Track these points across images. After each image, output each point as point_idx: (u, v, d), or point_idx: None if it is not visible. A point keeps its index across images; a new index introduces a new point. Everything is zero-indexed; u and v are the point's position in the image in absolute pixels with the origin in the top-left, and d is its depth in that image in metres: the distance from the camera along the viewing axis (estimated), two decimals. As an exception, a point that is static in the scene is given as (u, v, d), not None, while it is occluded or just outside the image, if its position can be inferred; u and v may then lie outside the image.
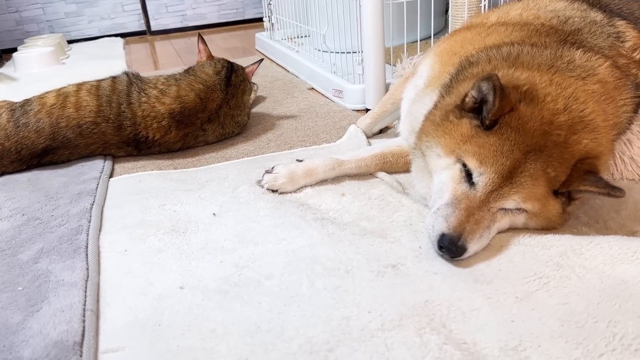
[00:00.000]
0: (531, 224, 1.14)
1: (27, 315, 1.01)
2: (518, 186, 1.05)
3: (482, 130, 1.09)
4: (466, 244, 1.04)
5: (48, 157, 1.71)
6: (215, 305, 1.02)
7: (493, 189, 1.06)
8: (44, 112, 1.68)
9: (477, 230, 1.06)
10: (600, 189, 1.04)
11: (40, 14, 4.55)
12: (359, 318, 0.95)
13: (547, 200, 1.09)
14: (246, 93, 1.96)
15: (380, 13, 1.90)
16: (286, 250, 1.18)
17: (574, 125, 1.07)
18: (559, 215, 1.12)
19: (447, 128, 1.14)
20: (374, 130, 1.83)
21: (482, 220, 1.06)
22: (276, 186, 1.44)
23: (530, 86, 1.11)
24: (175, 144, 1.79)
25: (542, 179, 1.06)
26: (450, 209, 1.07)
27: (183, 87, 1.77)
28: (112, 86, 1.76)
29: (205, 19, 4.86)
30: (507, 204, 1.07)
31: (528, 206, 1.08)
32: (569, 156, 1.06)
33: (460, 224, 1.05)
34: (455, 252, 1.05)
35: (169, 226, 1.32)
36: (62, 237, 1.28)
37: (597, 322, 0.89)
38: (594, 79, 1.18)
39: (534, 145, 1.05)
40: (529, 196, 1.06)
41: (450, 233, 1.04)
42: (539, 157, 1.05)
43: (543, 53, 1.22)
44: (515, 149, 1.05)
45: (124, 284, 1.12)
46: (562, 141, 1.06)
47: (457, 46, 1.43)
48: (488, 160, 1.06)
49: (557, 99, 1.09)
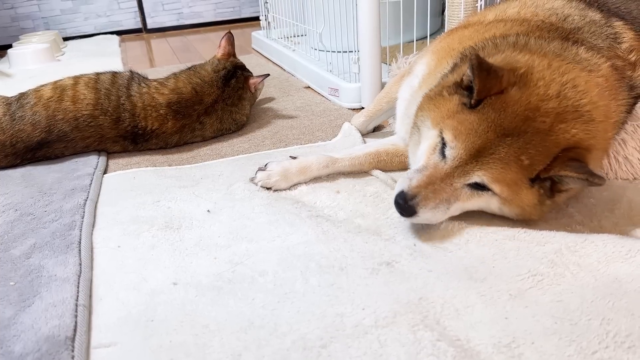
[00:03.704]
0: (506, 211, 1.14)
1: (18, 310, 1.01)
2: (484, 166, 1.07)
3: (467, 108, 1.11)
4: (416, 207, 1.08)
5: (43, 151, 1.70)
6: (209, 301, 1.02)
7: (459, 164, 1.08)
8: (41, 105, 1.67)
9: (433, 198, 1.09)
10: (579, 174, 1.02)
11: (35, 10, 4.53)
12: (352, 315, 0.95)
13: (519, 188, 1.08)
14: (244, 99, 1.95)
15: (376, 12, 1.90)
16: (280, 247, 1.17)
17: (565, 113, 1.06)
18: (533, 205, 1.11)
19: (438, 102, 1.17)
20: (368, 128, 1.83)
21: (441, 191, 1.09)
22: (269, 184, 1.44)
23: (527, 69, 1.10)
24: (173, 136, 1.79)
25: (514, 165, 1.05)
26: (416, 173, 1.12)
27: (181, 80, 1.82)
28: (112, 79, 1.77)
29: (202, 17, 4.85)
30: (470, 179, 1.09)
31: (496, 189, 1.08)
32: (551, 144, 1.05)
33: (418, 186, 1.09)
34: (404, 208, 1.09)
35: (162, 222, 1.31)
36: (55, 232, 1.28)
37: (591, 319, 0.89)
38: (599, 73, 1.17)
39: (513, 129, 1.05)
40: (496, 179, 1.07)
41: (407, 191, 1.09)
42: (514, 143, 1.05)
43: (550, 44, 1.21)
44: (490, 131, 1.06)
45: (116, 279, 1.11)
46: (546, 129, 1.05)
47: (455, 43, 1.43)
48: (461, 137, 1.08)
49: (550, 84, 1.08)
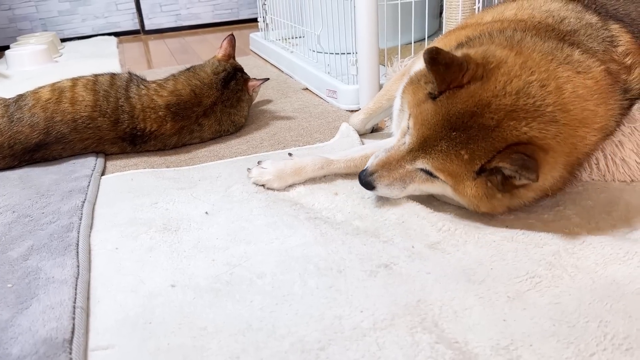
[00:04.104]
0: (458, 200, 1.19)
1: (16, 312, 1.00)
2: (427, 155, 1.14)
3: (431, 99, 1.15)
4: (373, 182, 1.23)
5: (40, 153, 1.70)
6: (207, 304, 1.02)
7: (410, 150, 1.17)
8: (39, 107, 1.67)
9: (387, 177, 1.22)
10: (511, 165, 1.02)
11: (33, 12, 4.53)
12: (351, 317, 0.95)
13: (462, 180, 1.12)
14: (242, 101, 1.95)
15: (375, 14, 1.90)
16: (279, 250, 1.17)
17: (518, 111, 1.05)
18: (479, 197, 1.12)
19: (414, 89, 1.21)
20: (367, 127, 1.82)
21: (394, 171, 1.21)
22: (262, 182, 1.45)
23: (497, 64, 1.11)
24: (171, 137, 1.79)
25: (454, 158, 1.10)
26: (382, 152, 1.24)
27: (180, 82, 1.82)
28: (110, 81, 1.77)
29: (200, 19, 4.85)
30: (416, 165, 1.18)
31: (441, 177, 1.15)
32: (496, 140, 1.05)
33: (377, 165, 1.23)
34: (362, 183, 1.24)
35: (160, 224, 1.31)
36: (53, 234, 1.27)
37: (589, 321, 0.89)
38: (588, 75, 1.16)
39: (459, 124, 1.09)
40: (439, 168, 1.13)
41: (368, 168, 1.24)
42: (457, 137, 1.09)
43: (545, 43, 1.21)
44: (439, 124, 1.11)
45: (114, 281, 1.11)
46: (493, 125, 1.05)
47: (452, 43, 1.43)
48: (417, 125, 1.16)
49: (512, 80, 1.08)
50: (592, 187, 1.34)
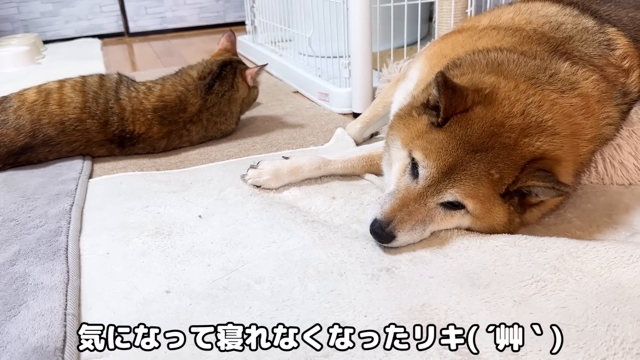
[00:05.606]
0: (476, 229, 1.15)
1: (4, 320, 0.96)
2: (456, 182, 1.07)
3: (435, 127, 1.12)
4: (394, 231, 1.08)
5: (26, 156, 1.65)
6: (204, 310, 0.98)
7: (431, 183, 1.08)
8: (25, 109, 1.62)
9: (409, 220, 1.08)
10: (545, 182, 1.03)
11: (15, 13, 4.43)
12: (354, 322, 0.92)
13: (491, 204, 1.09)
14: (233, 101, 1.86)
15: (368, 16, 1.89)
16: (276, 253, 1.14)
17: (528, 128, 1.08)
18: (503, 224, 1.12)
19: (407, 122, 1.17)
20: (364, 136, 1.79)
21: (415, 212, 1.09)
22: (260, 182, 1.42)
23: (492, 89, 1.12)
24: (160, 141, 1.74)
25: (485, 180, 1.06)
26: (388, 197, 1.11)
27: (167, 87, 1.77)
28: (100, 82, 1.72)
29: (185, 22, 4.79)
30: (444, 198, 1.08)
31: (469, 204, 1.09)
32: (517, 158, 1.06)
33: (392, 211, 1.08)
34: (382, 237, 1.09)
35: (152, 228, 1.27)
36: (41, 238, 1.22)
37: (597, 325, 0.88)
38: (574, 93, 1.18)
39: (481, 145, 1.06)
40: (468, 194, 1.07)
41: (381, 219, 1.08)
42: (484, 158, 1.06)
43: (529, 63, 1.21)
44: (460, 148, 1.07)
45: (106, 287, 1.07)
46: (512, 143, 1.06)
47: (448, 49, 1.42)
48: (432, 156, 1.08)
49: (515, 103, 1.10)
50: (591, 190, 1.34)
